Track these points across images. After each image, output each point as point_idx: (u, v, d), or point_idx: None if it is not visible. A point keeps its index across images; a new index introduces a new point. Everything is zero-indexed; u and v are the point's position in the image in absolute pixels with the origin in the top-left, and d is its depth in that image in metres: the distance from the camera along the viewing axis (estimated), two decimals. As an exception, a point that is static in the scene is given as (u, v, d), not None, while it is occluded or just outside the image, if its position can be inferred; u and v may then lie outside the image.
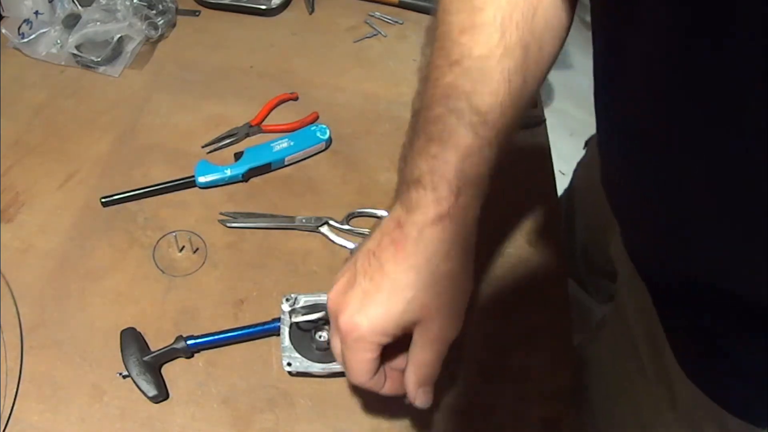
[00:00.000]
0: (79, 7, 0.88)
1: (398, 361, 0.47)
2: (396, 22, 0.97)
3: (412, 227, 0.42)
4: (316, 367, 0.58)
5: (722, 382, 0.54)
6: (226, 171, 0.74)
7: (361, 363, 0.44)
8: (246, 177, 0.75)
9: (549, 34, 0.48)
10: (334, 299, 0.45)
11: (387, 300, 0.42)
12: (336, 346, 0.46)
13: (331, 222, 0.71)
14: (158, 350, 0.59)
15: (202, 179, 0.73)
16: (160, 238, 0.69)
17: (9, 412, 0.56)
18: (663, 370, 0.59)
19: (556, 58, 0.50)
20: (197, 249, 0.69)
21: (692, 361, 0.56)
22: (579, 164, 0.95)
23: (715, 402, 0.54)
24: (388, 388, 0.47)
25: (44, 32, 0.87)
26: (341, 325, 0.43)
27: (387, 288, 0.42)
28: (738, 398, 0.54)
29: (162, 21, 0.90)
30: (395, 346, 0.45)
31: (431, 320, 0.43)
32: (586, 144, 0.92)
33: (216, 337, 0.61)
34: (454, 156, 0.43)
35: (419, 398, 0.45)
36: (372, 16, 0.98)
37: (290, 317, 0.60)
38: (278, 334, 0.60)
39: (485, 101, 0.44)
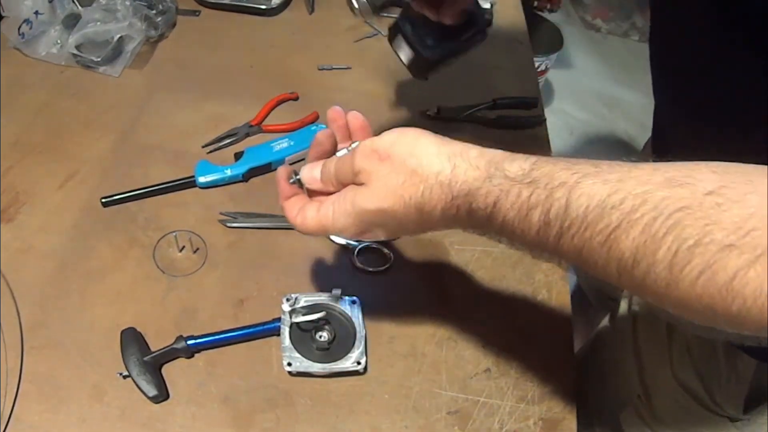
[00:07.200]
0: (79, 7, 0.88)
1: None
2: (396, 22, 0.97)
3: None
4: (317, 367, 0.58)
5: None
6: (226, 171, 0.74)
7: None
8: (246, 177, 0.75)
9: None
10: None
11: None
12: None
13: (332, 222, 0.71)
14: (158, 350, 0.59)
15: (202, 179, 0.73)
16: (161, 238, 0.69)
17: (9, 412, 0.56)
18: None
19: None
20: (197, 249, 0.69)
21: None
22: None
23: None
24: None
25: (44, 32, 0.87)
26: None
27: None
28: None
29: (162, 21, 0.90)
30: None
31: (368, 184, 0.44)
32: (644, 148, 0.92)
33: (216, 337, 0.61)
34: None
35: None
36: (372, 16, 0.98)
37: (290, 317, 0.60)
38: (278, 334, 0.60)
39: None
